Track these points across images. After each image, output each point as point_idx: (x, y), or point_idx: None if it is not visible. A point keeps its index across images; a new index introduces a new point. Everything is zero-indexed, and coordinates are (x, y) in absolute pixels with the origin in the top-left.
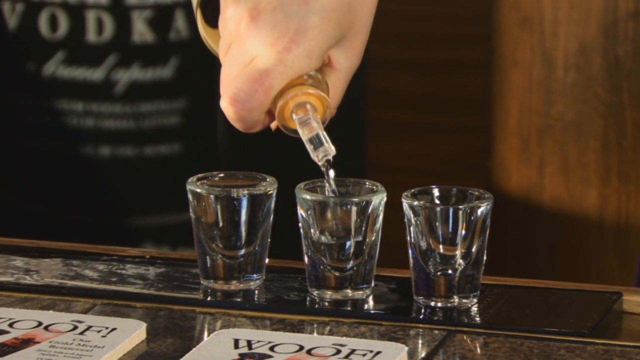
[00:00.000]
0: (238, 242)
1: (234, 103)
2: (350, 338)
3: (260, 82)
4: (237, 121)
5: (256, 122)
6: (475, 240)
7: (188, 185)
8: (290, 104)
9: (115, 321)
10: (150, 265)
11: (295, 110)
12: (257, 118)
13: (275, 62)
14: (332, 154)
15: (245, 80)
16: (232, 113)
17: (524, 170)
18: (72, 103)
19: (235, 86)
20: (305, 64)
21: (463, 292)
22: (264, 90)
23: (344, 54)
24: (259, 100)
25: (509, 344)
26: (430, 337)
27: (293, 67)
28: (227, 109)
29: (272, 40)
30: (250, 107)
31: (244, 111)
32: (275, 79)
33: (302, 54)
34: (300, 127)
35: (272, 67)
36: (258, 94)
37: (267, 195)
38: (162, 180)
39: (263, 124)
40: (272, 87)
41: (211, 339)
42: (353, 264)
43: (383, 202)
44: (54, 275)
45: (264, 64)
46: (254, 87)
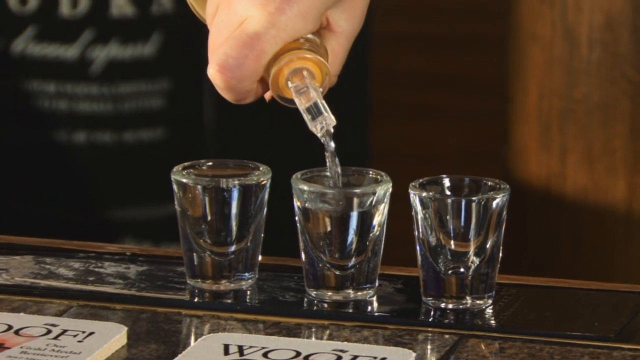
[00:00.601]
0: (228, 237)
1: (223, 70)
2: (352, 343)
3: (251, 46)
4: (226, 91)
5: (248, 92)
6: (490, 235)
7: (173, 175)
8: (284, 70)
9: (93, 325)
10: (131, 263)
11: (291, 77)
12: (249, 87)
13: (266, 25)
14: (332, 124)
15: (234, 45)
16: (221, 81)
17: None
18: (43, 84)
19: (223, 52)
20: (300, 26)
21: (476, 293)
22: (255, 55)
23: (344, 15)
24: (250, 66)
25: (527, 350)
26: (440, 342)
27: (287, 30)
28: (215, 77)
29: (263, 1)
30: (240, 75)
31: (233, 79)
32: (267, 42)
33: (297, 14)
34: (297, 95)
35: (263, 30)
36: (249, 60)
37: (260, 186)
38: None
39: (256, 94)
40: (264, 52)
41: (198, 344)
42: (355, 261)
43: (388, 194)
44: (25, 274)
45: (255, 26)
46: (244, 53)
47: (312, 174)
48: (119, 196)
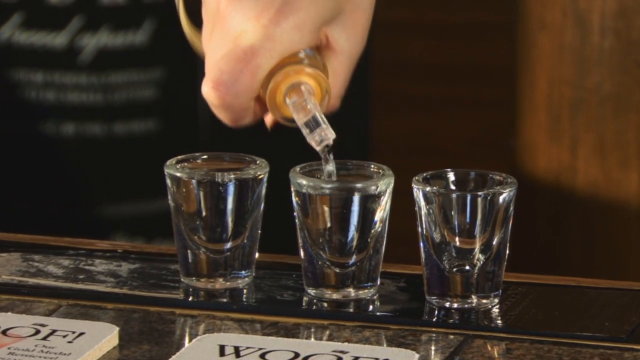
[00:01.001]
0: (224, 233)
1: (217, 87)
2: (352, 344)
3: (246, 61)
4: (222, 109)
5: (244, 111)
6: (497, 231)
7: (166, 169)
8: (282, 86)
9: (83, 325)
10: (122, 260)
11: (289, 93)
12: (245, 105)
13: (261, 38)
14: (331, 138)
15: (228, 61)
16: (216, 99)
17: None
18: (30, 73)
19: (217, 68)
20: (295, 39)
21: (482, 291)
22: (250, 70)
23: (344, 34)
24: (246, 82)
25: (535, 351)
26: (444, 342)
27: (282, 43)
28: (210, 94)
29: (256, 14)
30: (235, 91)
31: (229, 96)
32: (262, 56)
33: (292, 27)
34: (295, 110)
35: (258, 44)
36: (244, 75)
37: (256, 180)
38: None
39: (254, 115)
40: (260, 66)
41: (193, 345)
42: (356, 259)
43: (390, 188)
44: (12, 272)
45: (249, 40)
46: (238, 67)
47: (311, 168)
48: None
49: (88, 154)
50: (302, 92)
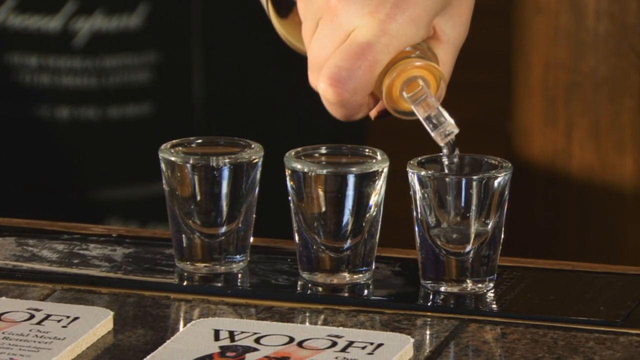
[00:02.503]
0: (218, 218)
1: (335, 84)
2: (347, 328)
3: (363, 57)
4: (338, 106)
5: (360, 107)
6: (492, 215)
7: (160, 153)
8: (397, 81)
9: (78, 309)
10: (117, 244)
11: (405, 87)
12: (361, 101)
13: (378, 33)
14: (455, 132)
15: (345, 57)
16: (334, 95)
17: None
18: (24, 57)
19: (334, 64)
20: (412, 33)
21: (477, 276)
22: (367, 66)
23: (450, 23)
24: (363, 78)
25: (530, 335)
26: (439, 327)
27: (398, 37)
28: (327, 91)
29: (371, 9)
30: (353, 87)
31: (347, 92)
32: (379, 52)
33: (408, 21)
34: (415, 105)
35: (374, 39)
36: (361, 71)
37: (251, 165)
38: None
39: (368, 107)
40: (377, 61)
41: (188, 329)
42: (351, 243)
43: (385, 172)
44: (6, 256)
45: (365, 35)
46: (356, 64)
47: (306, 152)
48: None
49: (82, 138)
50: (420, 85)
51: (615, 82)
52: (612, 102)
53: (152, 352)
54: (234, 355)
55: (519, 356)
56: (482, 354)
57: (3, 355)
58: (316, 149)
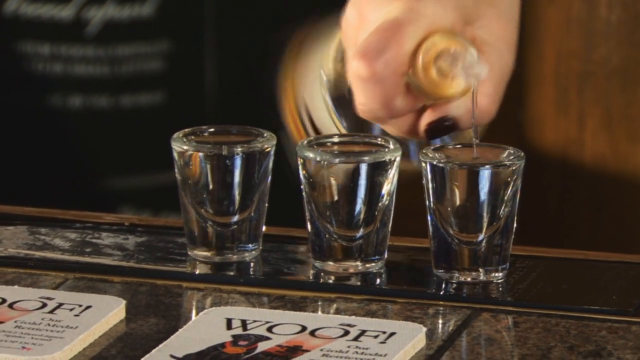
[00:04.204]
0: (231, 207)
1: (364, 56)
2: (360, 317)
3: (392, 30)
4: (371, 83)
5: (394, 88)
6: (504, 204)
7: (172, 141)
8: (430, 54)
9: (90, 298)
10: (129, 233)
11: (438, 59)
12: (394, 80)
13: (406, 11)
14: (484, 74)
15: (374, 33)
16: (364, 68)
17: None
18: (37, 45)
19: (364, 41)
20: (439, 14)
21: (490, 265)
22: (397, 39)
23: (488, 36)
24: (394, 50)
25: (542, 324)
26: (451, 316)
27: (427, 17)
28: (358, 65)
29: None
30: (384, 60)
31: (377, 64)
32: (409, 26)
33: (435, 2)
34: (449, 62)
35: (403, 16)
36: (391, 43)
37: (264, 153)
38: (142, 135)
39: (406, 104)
40: (407, 35)
41: (200, 318)
42: (363, 232)
43: (398, 161)
44: (19, 245)
45: (394, 13)
46: (385, 36)
47: (319, 140)
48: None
49: (95, 127)
50: (451, 52)
51: (628, 72)
52: (625, 91)
53: (164, 340)
54: (246, 344)
55: (531, 345)
56: (495, 343)
57: (15, 344)
58: (329, 138)
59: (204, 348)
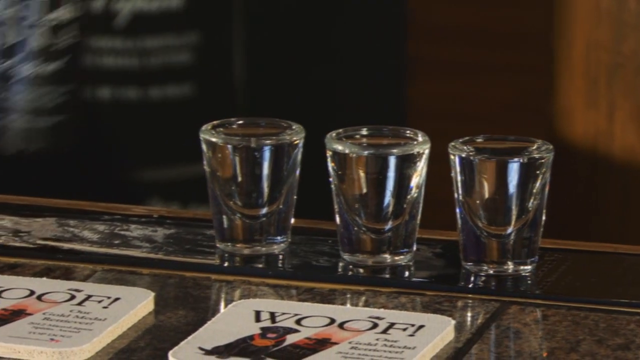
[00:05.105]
0: (259, 199)
1: None
2: (388, 310)
3: None
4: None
5: None
6: (533, 197)
7: (201, 134)
8: None
9: (119, 290)
10: (158, 225)
11: None
12: None
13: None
14: None
15: None
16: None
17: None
18: None
19: None
20: None
21: (518, 258)
22: None
23: None
24: None
25: (571, 317)
26: (480, 308)
27: None
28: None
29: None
30: None
31: None
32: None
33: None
34: None
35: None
36: None
37: (292, 146)
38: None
39: None
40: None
41: (229, 310)
42: (392, 224)
43: (427, 154)
44: (48, 237)
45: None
46: None
47: (347, 133)
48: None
49: (123, 118)
50: None
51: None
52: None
53: (193, 332)
54: (275, 337)
55: (560, 338)
56: (523, 336)
57: (44, 335)
58: (357, 131)
59: (233, 340)
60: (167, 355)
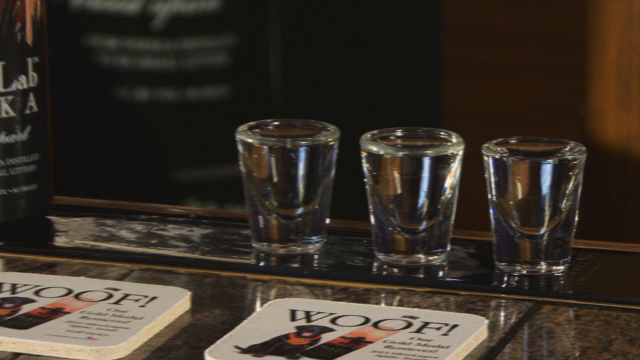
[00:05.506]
0: (295, 199)
1: None
2: (422, 309)
3: None
4: None
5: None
6: (566, 198)
7: (237, 134)
8: None
9: (156, 289)
10: (194, 225)
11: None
12: None
13: None
14: None
15: None
16: None
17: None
18: (104, 39)
19: None
20: None
21: (551, 258)
22: None
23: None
24: None
25: (603, 317)
26: (513, 308)
27: None
28: None
29: None
30: None
31: None
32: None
33: None
34: None
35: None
36: None
37: (327, 147)
38: (207, 128)
39: None
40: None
41: (264, 309)
42: (426, 225)
43: (461, 154)
44: (86, 236)
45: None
46: None
47: (382, 134)
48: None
49: (161, 119)
50: None
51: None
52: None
53: (229, 331)
54: (310, 335)
55: (592, 338)
56: (556, 335)
57: (81, 334)
58: (392, 132)
59: (268, 339)
60: (204, 354)
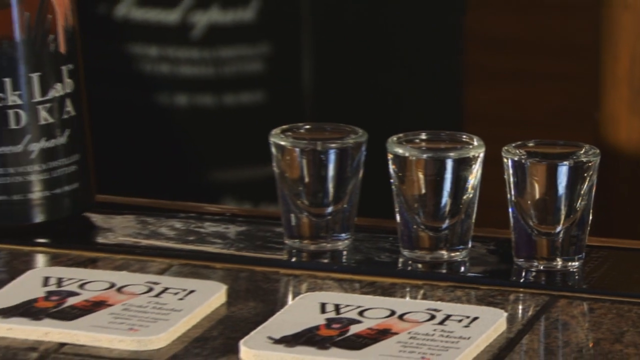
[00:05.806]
0: (325, 199)
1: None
2: (445, 302)
3: None
4: None
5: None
6: (581, 198)
7: (271, 137)
8: None
9: (193, 283)
10: (230, 223)
11: None
12: None
13: None
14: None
15: None
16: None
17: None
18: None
19: None
20: None
21: (567, 254)
22: None
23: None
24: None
25: (615, 311)
26: (531, 302)
27: None
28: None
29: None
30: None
31: None
32: None
33: None
34: None
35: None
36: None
37: (356, 149)
38: (243, 132)
39: None
40: None
41: (296, 302)
42: (449, 223)
43: (482, 157)
44: (128, 233)
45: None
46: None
47: (407, 137)
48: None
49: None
50: None
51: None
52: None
53: (262, 323)
54: (339, 327)
55: (605, 330)
56: (571, 327)
57: (123, 325)
58: (416, 135)
59: (300, 330)
60: (239, 344)
